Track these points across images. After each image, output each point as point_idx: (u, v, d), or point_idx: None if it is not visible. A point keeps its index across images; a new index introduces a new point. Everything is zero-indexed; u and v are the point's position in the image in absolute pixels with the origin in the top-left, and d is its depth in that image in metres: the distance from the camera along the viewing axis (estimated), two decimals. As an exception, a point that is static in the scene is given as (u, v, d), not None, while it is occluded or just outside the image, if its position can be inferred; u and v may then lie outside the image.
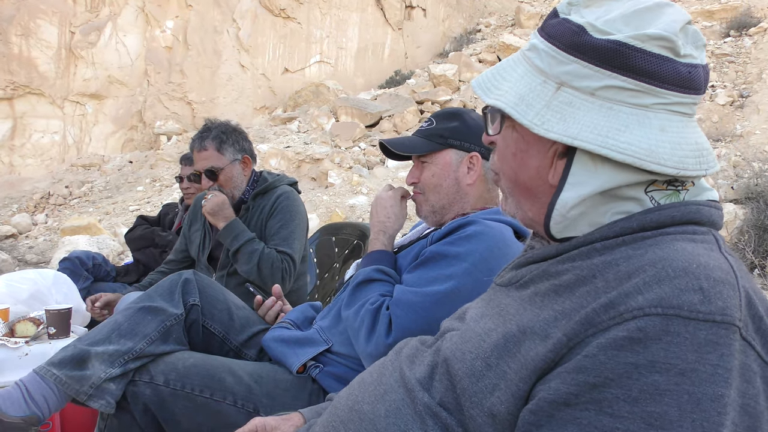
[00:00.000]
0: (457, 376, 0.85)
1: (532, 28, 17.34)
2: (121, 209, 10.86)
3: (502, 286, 0.98)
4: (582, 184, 0.82)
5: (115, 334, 1.63)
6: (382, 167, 11.16)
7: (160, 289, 1.75)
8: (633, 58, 0.79)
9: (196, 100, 15.09)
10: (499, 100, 0.87)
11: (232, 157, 2.75)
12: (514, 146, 0.92)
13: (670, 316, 0.67)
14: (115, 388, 1.58)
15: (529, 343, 0.78)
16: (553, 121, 0.82)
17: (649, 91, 0.79)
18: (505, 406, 0.77)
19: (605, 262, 0.78)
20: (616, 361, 0.67)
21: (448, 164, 1.74)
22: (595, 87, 0.81)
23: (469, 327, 0.94)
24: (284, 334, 1.76)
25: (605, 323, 0.70)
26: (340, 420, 1.00)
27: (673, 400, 0.65)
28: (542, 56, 0.86)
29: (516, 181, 0.93)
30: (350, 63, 17.30)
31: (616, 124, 0.79)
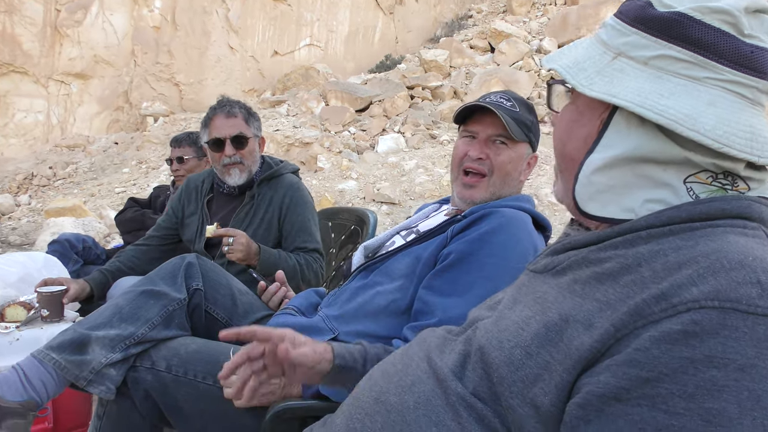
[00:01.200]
0: (493, 364, 0.82)
1: (524, 15, 17.28)
2: (107, 191, 10.71)
3: (536, 272, 0.96)
4: (611, 146, 0.83)
5: (117, 318, 1.58)
6: (371, 152, 11.10)
7: (162, 273, 1.70)
8: (690, 29, 0.79)
9: (184, 81, 14.88)
10: (555, 63, 0.89)
11: (256, 132, 2.68)
12: (568, 116, 0.92)
13: (727, 310, 0.64)
14: (116, 373, 1.54)
15: (571, 331, 0.75)
16: (599, 84, 0.83)
17: (704, 64, 0.78)
18: (549, 398, 0.74)
19: (652, 252, 0.76)
20: (671, 356, 0.65)
21: (522, 157, 1.72)
22: (649, 56, 0.81)
23: (503, 314, 0.90)
24: (288, 321, 1.72)
25: (656, 315, 0.68)
26: (365, 412, 0.96)
27: (733, 397, 0.62)
28: (608, 30, 0.88)
29: (563, 154, 0.92)
30: (340, 46, 17.15)
31: (661, 90, 0.79)
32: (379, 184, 9.61)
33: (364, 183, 9.76)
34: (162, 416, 1.59)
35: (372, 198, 9.10)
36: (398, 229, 1.87)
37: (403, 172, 10.01)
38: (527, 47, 14.61)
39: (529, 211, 1.64)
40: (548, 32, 15.42)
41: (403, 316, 1.58)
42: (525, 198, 1.71)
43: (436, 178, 9.51)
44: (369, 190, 9.30)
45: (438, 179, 9.44)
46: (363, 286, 1.68)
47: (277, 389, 1.53)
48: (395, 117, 12.24)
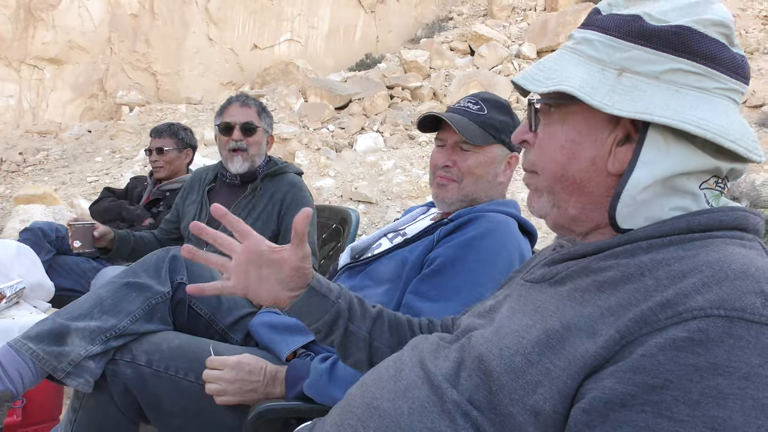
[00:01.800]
0: (494, 373, 0.82)
1: (503, 19, 17.40)
2: (79, 179, 10.50)
3: (533, 282, 0.96)
4: (655, 163, 0.81)
5: (97, 310, 1.54)
6: (350, 150, 11.07)
7: (146, 265, 1.67)
8: (696, 42, 0.80)
9: (161, 71, 14.67)
10: (561, 84, 0.85)
11: (266, 127, 2.76)
12: (563, 137, 0.89)
13: (733, 319, 0.66)
14: (95, 366, 1.50)
15: (574, 339, 0.76)
16: (623, 102, 0.81)
17: (712, 75, 0.80)
18: (550, 404, 0.74)
19: (654, 261, 0.77)
20: (676, 363, 0.65)
21: (494, 159, 1.69)
22: (659, 71, 0.81)
23: (502, 324, 0.90)
24: (273, 320, 1.70)
25: (662, 322, 0.69)
26: (357, 418, 0.95)
27: (737, 405, 0.63)
28: (597, 46, 0.86)
29: (562, 176, 0.90)
30: (321, 43, 17.08)
31: (687, 104, 0.79)
32: (357, 183, 9.58)
33: (341, 181, 9.72)
34: (140, 412, 1.55)
35: (349, 197, 9.08)
36: (385, 231, 1.86)
37: (381, 172, 10.01)
38: (507, 51, 14.73)
39: (515, 216, 1.64)
40: (528, 37, 15.56)
41: None
42: (511, 203, 1.71)
43: (413, 178, 9.52)
44: (346, 189, 9.27)
45: (416, 180, 9.45)
46: (350, 288, 1.67)
47: (260, 387, 1.51)
48: (374, 116, 12.23)
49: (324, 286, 1.19)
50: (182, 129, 3.74)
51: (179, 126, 3.75)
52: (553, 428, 0.75)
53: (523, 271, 1.10)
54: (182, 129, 3.74)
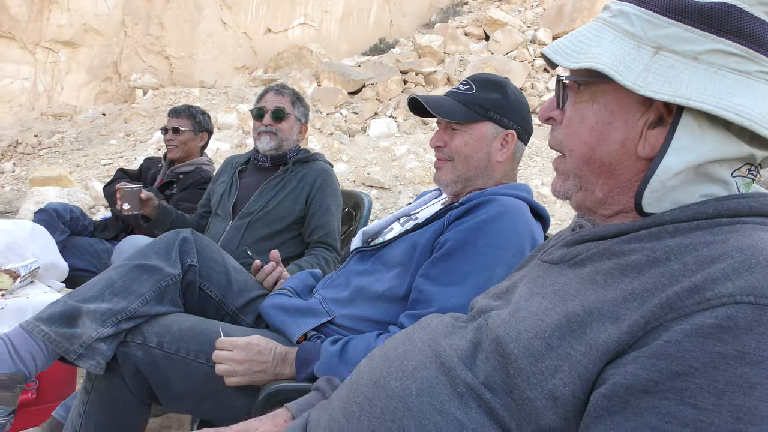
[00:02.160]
0: (511, 356, 0.80)
1: (519, 4, 17.21)
2: (93, 162, 10.56)
3: (551, 263, 0.93)
4: (687, 149, 0.78)
5: (108, 292, 1.54)
6: (363, 135, 11.04)
7: (156, 247, 1.66)
8: (741, 21, 0.75)
9: (175, 54, 14.68)
10: (593, 62, 0.81)
11: (299, 115, 2.90)
12: (594, 118, 0.86)
13: (763, 306, 0.63)
14: (106, 348, 1.50)
15: (597, 324, 0.73)
16: (657, 83, 0.77)
17: (754, 57, 0.76)
18: (569, 389, 0.73)
19: (681, 245, 0.74)
20: (702, 350, 0.63)
21: (483, 137, 1.67)
22: (698, 51, 0.76)
23: (520, 306, 0.88)
24: (284, 302, 1.70)
25: (689, 308, 0.66)
26: (364, 396, 0.94)
27: (764, 395, 0.61)
28: (633, 21, 0.81)
29: (590, 158, 0.87)
30: (334, 27, 16.99)
31: (726, 88, 0.75)
32: (370, 168, 9.56)
33: (354, 166, 9.70)
34: (151, 393, 1.56)
35: (362, 182, 9.06)
36: (398, 215, 1.85)
37: (394, 157, 9.98)
38: (522, 37, 14.57)
39: (526, 200, 1.62)
40: (543, 23, 15.38)
41: (400, 302, 1.57)
42: (523, 187, 1.69)
43: (426, 164, 9.48)
44: (359, 174, 9.25)
45: (428, 165, 9.41)
46: (361, 272, 1.66)
47: (269, 368, 1.51)
48: (388, 101, 12.17)
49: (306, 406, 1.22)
50: (201, 113, 3.75)
51: (198, 109, 3.77)
52: (572, 413, 0.73)
53: (540, 252, 1.09)
54: (201, 113, 3.75)
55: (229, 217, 2.75)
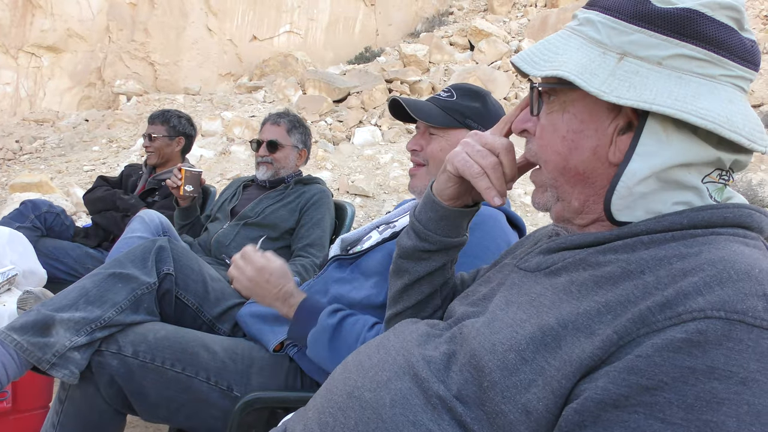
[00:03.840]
0: (486, 368, 0.79)
1: (504, 15, 17.33)
2: (75, 168, 10.46)
3: (528, 271, 0.93)
4: (652, 154, 0.78)
5: (83, 301, 1.53)
6: (347, 143, 11.04)
7: (132, 256, 1.65)
8: (704, 26, 0.76)
9: (159, 61, 14.60)
10: (559, 70, 0.81)
11: (296, 143, 3.09)
12: (565, 128, 0.86)
13: (733, 321, 0.63)
14: (80, 357, 1.49)
15: (571, 338, 0.73)
16: (622, 89, 0.78)
17: (718, 61, 0.77)
18: (543, 404, 0.72)
19: (655, 257, 0.75)
20: (672, 364, 0.63)
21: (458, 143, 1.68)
22: (662, 56, 0.77)
23: (496, 316, 0.87)
24: (261, 310, 1.70)
25: (660, 323, 0.67)
26: (338, 406, 0.93)
27: (732, 410, 0.61)
28: (599, 28, 0.82)
29: (565, 168, 0.87)
30: (320, 36, 17.00)
31: (691, 92, 0.76)
32: (354, 176, 9.56)
33: (338, 174, 9.69)
34: (126, 402, 1.55)
35: (346, 190, 9.05)
36: (376, 223, 1.85)
37: (378, 166, 9.98)
38: (507, 47, 14.67)
39: (503, 209, 1.63)
40: (528, 33, 15.50)
41: (377, 311, 1.57)
42: None
43: (410, 172, 9.47)
44: (343, 182, 9.24)
45: (412, 174, 9.40)
46: (339, 280, 1.66)
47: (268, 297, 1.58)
48: (372, 110, 12.19)
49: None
50: (176, 116, 3.72)
51: (174, 113, 3.74)
52: (545, 428, 0.73)
53: (512, 253, 1.09)
54: (176, 116, 3.72)
55: (227, 218, 2.92)
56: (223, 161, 9.93)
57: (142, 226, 2.48)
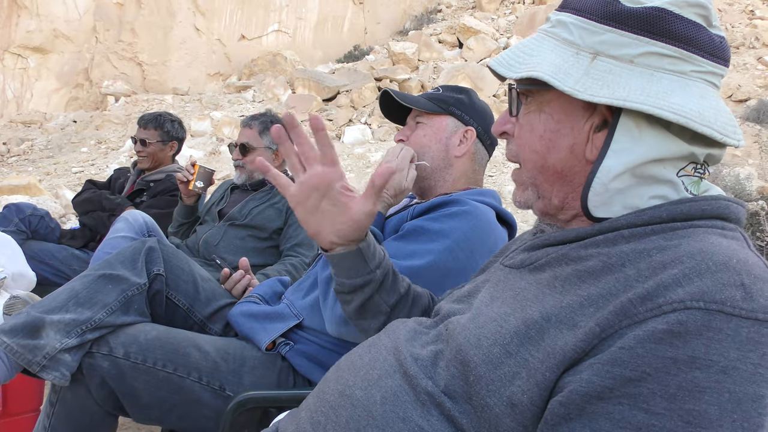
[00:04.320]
0: (472, 362, 0.80)
1: (492, 12, 17.38)
2: (63, 170, 10.40)
3: (512, 267, 0.94)
4: (626, 151, 0.80)
5: (72, 303, 1.52)
6: (337, 142, 11.04)
7: (122, 257, 1.64)
8: (672, 24, 0.78)
9: (147, 61, 14.54)
10: (533, 71, 0.83)
11: (268, 145, 3.03)
12: (542, 127, 0.88)
13: (712, 311, 0.64)
14: (71, 359, 1.48)
15: (554, 331, 0.74)
16: (595, 87, 0.79)
17: (688, 58, 0.79)
18: (527, 396, 0.73)
19: (635, 251, 0.76)
20: (654, 355, 0.64)
21: (443, 128, 1.72)
22: (634, 54, 0.79)
23: (481, 311, 0.89)
24: (252, 309, 1.69)
25: (642, 315, 0.67)
26: (330, 405, 0.94)
27: (714, 399, 0.62)
28: (571, 29, 0.84)
29: (543, 166, 0.89)
30: (309, 34, 16.99)
31: (663, 89, 0.77)
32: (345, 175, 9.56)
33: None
34: (118, 404, 1.54)
35: (336, 188, 9.05)
36: None
37: (369, 164, 9.99)
38: (495, 44, 14.72)
39: (492, 205, 1.64)
40: (516, 30, 15.55)
41: None
42: (490, 193, 1.71)
43: (400, 170, 9.49)
44: (333, 180, 9.24)
45: (403, 172, 9.42)
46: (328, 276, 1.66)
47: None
48: (362, 108, 12.19)
49: (370, 251, 1.17)
50: (170, 120, 3.69)
51: (167, 117, 3.71)
52: (530, 420, 0.74)
53: (502, 256, 1.10)
54: (170, 120, 3.69)
55: (215, 221, 2.92)
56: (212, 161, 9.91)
57: (126, 225, 2.46)
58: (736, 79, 13.35)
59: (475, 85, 12.00)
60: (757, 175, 9.16)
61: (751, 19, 15.95)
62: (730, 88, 12.96)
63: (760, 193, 7.85)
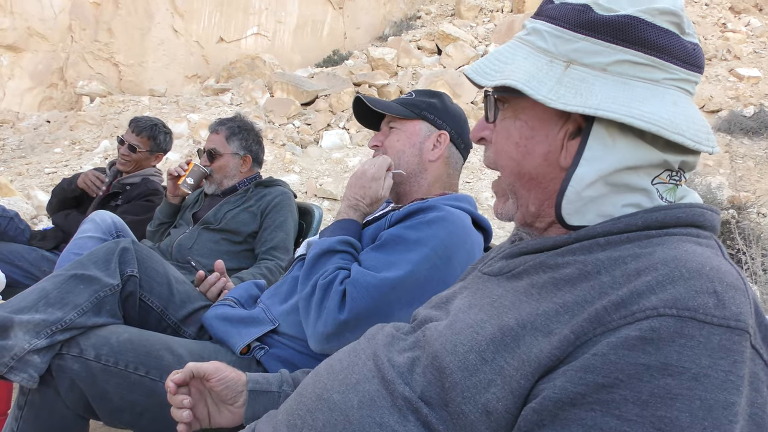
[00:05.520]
0: (447, 369, 0.81)
1: (471, 19, 17.49)
2: (36, 171, 10.21)
3: (490, 275, 0.95)
4: (599, 159, 0.80)
5: (43, 303, 1.49)
6: (315, 147, 11.01)
7: (95, 257, 1.62)
8: (645, 32, 0.79)
9: (124, 62, 14.36)
10: (507, 79, 0.83)
11: (235, 150, 3.01)
12: (517, 134, 0.89)
13: (684, 318, 0.65)
14: (40, 361, 1.45)
15: (530, 339, 0.74)
16: (568, 95, 0.79)
17: (661, 66, 0.79)
18: (502, 404, 0.73)
19: (611, 258, 0.76)
20: (627, 362, 0.65)
21: (416, 133, 1.73)
22: (606, 62, 0.80)
23: (458, 318, 0.89)
24: (227, 312, 1.68)
25: (616, 322, 0.68)
26: (307, 408, 0.94)
27: (685, 406, 0.62)
28: (545, 37, 0.85)
29: (519, 173, 0.90)
30: (288, 38, 16.93)
31: (636, 97, 0.78)
32: (322, 180, 9.54)
33: (306, 177, 9.66)
34: (88, 407, 1.51)
35: (314, 193, 9.03)
36: None
37: (347, 169, 9.97)
38: (474, 51, 14.82)
39: (468, 211, 1.65)
40: (494, 38, 15.67)
41: None
42: (465, 198, 1.72)
43: (378, 175, 9.49)
44: (311, 185, 9.21)
45: (381, 177, 9.42)
46: None
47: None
48: (341, 113, 12.18)
49: (262, 382, 1.25)
50: (163, 132, 3.64)
51: (161, 129, 3.64)
52: (505, 428, 0.74)
53: (481, 263, 1.10)
54: (163, 132, 3.64)
55: (189, 223, 2.89)
56: (189, 164, 9.80)
57: (94, 226, 2.42)
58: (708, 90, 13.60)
59: (453, 92, 12.06)
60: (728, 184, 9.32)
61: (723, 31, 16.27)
62: (702, 99, 13.20)
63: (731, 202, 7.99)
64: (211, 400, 1.26)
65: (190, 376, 1.23)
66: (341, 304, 1.43)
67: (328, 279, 1.48)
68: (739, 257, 4.88)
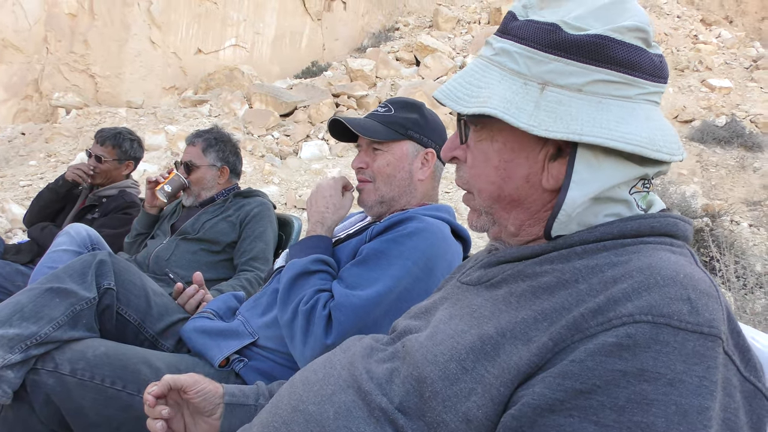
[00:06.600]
0: (428, 379, 0.81)
1: (448, 31, 17.64)
2: (11, 183, 10.06)
3: (469, 284, 0.95)
4: (587, 182, 0.81)
5: (17, 317, 1.47)
6: (294, 158, 10.99)
7: (71, 270, 1.60)
8: (616, 51, 0.79)
9: (100, 73, 14.22)
10: (485, 107, 0.83)
11: (212, 162, 2.99)
12: (497, 158, 0.88)
13: (660, 325, 0.66)
14: (14, 376, 1.43)
15: (509, 346, 0.75)
16: (548, 121, 0.80)
17: (632, 82, 0.81)
18: (482, 411, 0.74)
19: (588, 267, 0.78)
20: (604, 368, 0.66)
21: (405, 156, 1.71)
22: (581, 83, 0.80)
23: (438, 329, 0.89)
24: (206, 325, 1.67)
25: (593, 329, 0.69)
26: (282, 420, 0.93)
27: (661, 411, 0.63)
28: (516, 59, 0.84)
29: (499, 196, 0.90)
30: (266, 50, 16.91)
31: (613, 117, 0.79)
32: (301, 191, 9.52)
33: (286, 188, 9.64)
34: (63, 422, 1.49)
35: (293, 204, 9.00)
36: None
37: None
38: (452, 63, 14.95)
39: (447, 221, 1.66)
40: (472, 49, 15.83)
41: None
42: (444, 208, 1.73)
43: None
44: (291, 196, 9.19)
45: (360, 188, 9.43)
46: None
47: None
48: (320, 124, 12.18)
49: (238, 395, 1.24)
50: (129, 139, 3.59)
51: (126, 136, 3.59)
52: None
53: (459, 273, 1.11)
54: (129, 139, 3.59)
55: (167, 234, 2.86)
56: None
57: (69, 239, 2.38)
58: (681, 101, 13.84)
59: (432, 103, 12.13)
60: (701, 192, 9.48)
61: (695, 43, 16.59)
62: (675, 109, 13.43)
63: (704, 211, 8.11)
64: (187, 412, 1.24)
65: (167, 389, 1.21)
66: (327, 329, 1.43)
67: (309, 305, 1.47)
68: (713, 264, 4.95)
